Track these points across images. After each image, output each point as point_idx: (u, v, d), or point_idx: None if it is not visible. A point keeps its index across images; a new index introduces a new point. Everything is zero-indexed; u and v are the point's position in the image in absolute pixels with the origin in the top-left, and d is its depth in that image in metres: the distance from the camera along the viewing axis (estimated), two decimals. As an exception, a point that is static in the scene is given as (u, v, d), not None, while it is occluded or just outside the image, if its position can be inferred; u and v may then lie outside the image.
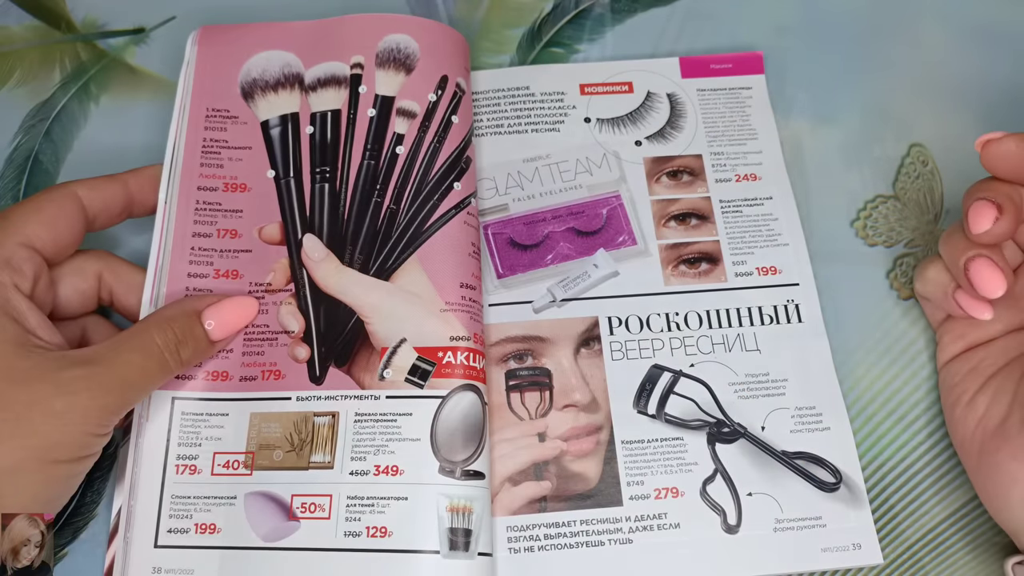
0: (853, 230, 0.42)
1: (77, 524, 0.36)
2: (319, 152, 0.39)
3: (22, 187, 0.42)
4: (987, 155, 0.33)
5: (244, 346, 0.36)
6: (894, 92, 0.45)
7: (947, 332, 0.38)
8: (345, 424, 0.35)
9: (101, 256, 0.36)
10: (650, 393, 0.38)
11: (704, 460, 0.37)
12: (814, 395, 0.38)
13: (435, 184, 0.39)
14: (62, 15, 0.46)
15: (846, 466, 0.37)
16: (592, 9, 0.48)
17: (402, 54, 0.40)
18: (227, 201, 0.38)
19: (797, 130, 0.44)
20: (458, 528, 0.33)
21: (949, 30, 0.47)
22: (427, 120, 0.40)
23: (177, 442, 0.35)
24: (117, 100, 0.44)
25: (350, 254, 0.37)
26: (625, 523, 0.36)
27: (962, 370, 0.37)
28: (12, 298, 0.31)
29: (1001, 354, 0.36)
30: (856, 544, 0.35)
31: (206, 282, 0.37)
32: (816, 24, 0.47)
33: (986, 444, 0.34)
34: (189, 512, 0.34)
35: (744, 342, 0.39)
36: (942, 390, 0.37)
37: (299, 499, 0.34)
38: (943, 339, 0.38)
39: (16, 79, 0.45)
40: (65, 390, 0.29)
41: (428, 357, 0.35)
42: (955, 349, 0.37)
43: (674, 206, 0.42)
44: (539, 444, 0.37)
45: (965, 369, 0.36)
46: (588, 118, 0.44)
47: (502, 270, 0.40)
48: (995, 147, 0.32)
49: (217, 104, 0.40)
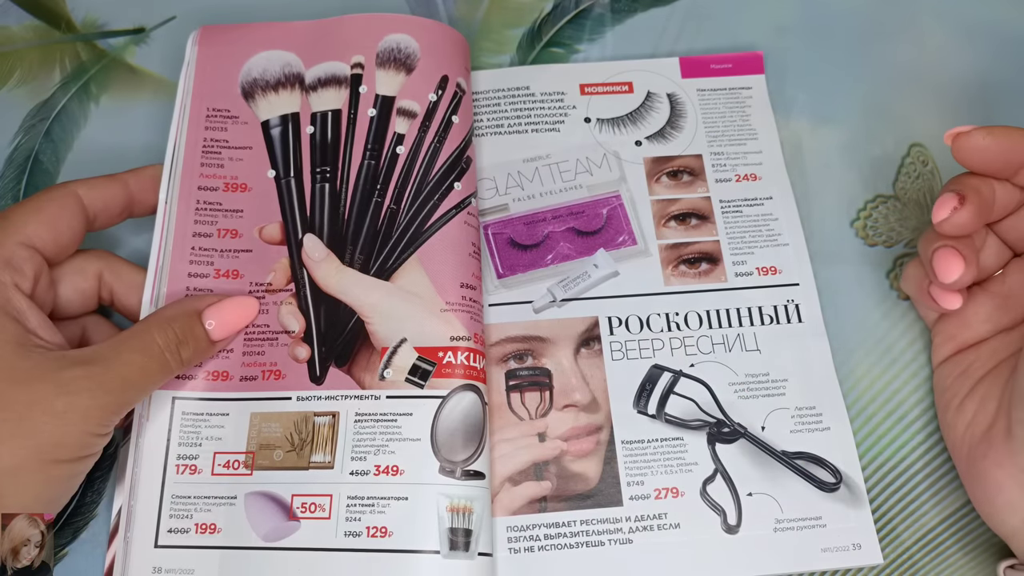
0: (853, 230, 0.42)
1: (77, 524, 0.36)
2: (319, 152, 0.39)
3: (22, 187, 0.42)
4: (957, 149, 0.33)
5: (244, 346, 0.36)
6: (894, 92, 0.45)
7: (939, 333, 0.38)
8: (345, 424, 0.35)
9: (102, 256, 0.36)
10: (650, 393, 0.38)
11: (704, 460, 0.37)
12: (814, 395, 0.38)
13: (435, 184, 0.39)
14: (62, 15, 0.46)
15: (846, 466, 0.37)
16: (592, 9, 0.48)
17: (402, 54, 0.40)
18: (227, 201, 0.38)
19: (797, 130, 0.44)
20: (458, 528, 0.33)
21: (949, 30, 0.47)
22: (427, 120, 0.40)
23: (177, 442, 0.35)
24: (117, 100, 0.44)
25: (350, 254, 0.37)
26: (625, 523, 0.36)
27: (953, 372, 0.36)
28: (13, 298, 0.31)
29: (990, 356, 0.36)
30: (856, 544, 0.35)
31: (206, 282, 0.37)
32: (816, 24, 0.47)
33: (973, 450, 0.34)
34: (189, 512, 0.34)
35: (744, 342, 0.39)
36: (935, 393, 0.38)
37: (299, 499, 0.34)
38: (935, 340, 0.38)
39: (16, 79, 0.45)
40: (66, 390, 0.29)
41: (428, 357, 0.35)
42: (946, 351, 0.37)
43: (674, 206, 0.42)
44: (539, 444, 0.37)
45: (956, 371, 0.36)
46: (588, 118, 0.44)
47: (502, 270, 0.40)
48: (964, 141, 0.33)
49: (217, 104, 0.40)
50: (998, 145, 0.32)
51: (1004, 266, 0.37)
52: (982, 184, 0.33)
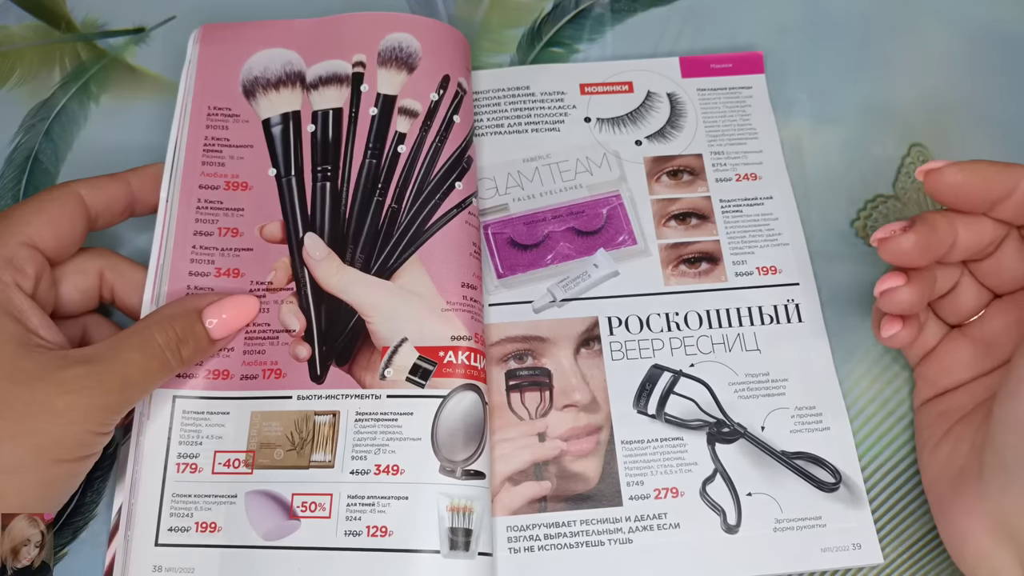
0: (853, 230, 0.42)
1: (77, 524, 0.36)
2: (321, 151, 0.39)
3: (22, 187, 0.42)
4: (930, 185, 0.33)
5: (245, 345, 0.36)
6: (894, 92, 0.45)
7: (920, 376, 0.37)
8: (346, 423, 0.35)
9: (103, 254, 0.36)
10: (650, 393, 0.38)
11: (704, 460, 0.37)
12: (814, 395, 0.38)
13: (436, 183, 0.39)
14: (62, 15, 0.46)
15: (846, 466, 0.37)
16: (592, 9, 0.48)
17: (404, 53, 0.40)
18: (228, 200, 0.38)
19: (797, 130, 0.44)
20: (458, 528, 0.33)
21: (949, 30, 0.47)
22: (429, 119, 0.40)
23: (178, 440, 0.35)
24: (117, 100, 0.44)
25: (351, 253, 0.37)
26: (625, 523, 0.36)
27: (932, 413, 0.36)
28: (14, 297, 0.31)
29: (968, 398, 0.35)
30: (856, 544, 0.35)
31: (207, 280, 0.37)
32: (816, 24, 0.47)
33: (944, 496, 0.33)
34: (190, 511, 0.34)
35: (744, 342, 0.39)
36: (916, 432, 0.37)
37: (299, 498, 0.34)
38: (917, 383, 0.37)
39: (16, 79, 0.45)
40: (66, 389, 0.29)
41: (429, 356, 0.35)
42: (927, 394, 0.37)
43: (674, 206, 0.42)
44: (539, 444, 0.37)
45: (935, 413, 0.36)
46: (588, 118, 0.44)
47: (502, 270, 0.40)
48: (936, 178, 0.32)
49: (218, 102, 0.40)
50: (970, 181, 0.32)
51: (984, 308, 0.36)
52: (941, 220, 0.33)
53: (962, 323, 0.36)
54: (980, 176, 0.32)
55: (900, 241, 0.32)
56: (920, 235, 0.32)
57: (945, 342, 0.36)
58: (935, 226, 0.32)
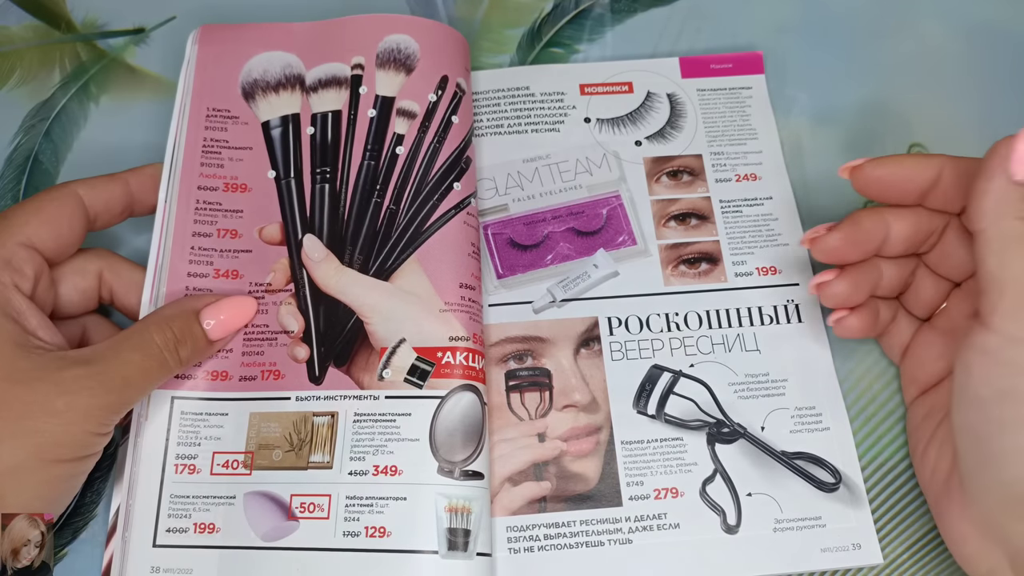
0: (853, 230, 0.42)
1: (76, 524, 0.36)
2: (319, 153, 0.39)
3: (22, 187, 0.42)
4: (855, 181, 0.34)
5: (244, 346, 0.36)
6: (894, 91, 0.45)
7: (903, 374, 0.37)
8: (344, 424, 0.35)
9: (102, 255, 0.36)
10: (650, 393, 0.38)
11: (704, 460, 0.37)
12: (814, 395, 0.38)
13: (435, 184, 0.39)
14: (62, 15, 0.47)
15: (846, 466, 0.37)
16: (592, 9, 0.47)
17: (402, 54, 0.40)
18: (227, 201, 0.38)
19: (797, 130, 0.44)
20: (457, 528, 0.33)
21: (949, 29, 0.47)
22: (427, 120, 0.40)
23: (176, 441, 0.35)
24: (117, 100, 0.45)
25: (350, 254, 0.37)
26: (625, 523, 0.36)
27: (919, 413, 0.36)
28: (13, 298, 0.31)
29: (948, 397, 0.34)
30: (856, 544, 0.35)
31: (206, 282, 0.37)
32: (816, 24, 0.47)
33: (939, 499, 0.33)
34: (188, 511, 0.34)
35: (744, 342, 0.39)
36: (907, 435, 0.37)
37: (298, 499, 0.34)
38: (902, 381, 0.38)
39: (16, 79, 0.45)
40: (66, 389, 0.30)
41: (427, 357, 0.35)
42: (912, 392, 0.37)
43: (674, 206, 0.42)
44: (539, 444, 0.37)
45: (922, 413, 0.36)
46: (588, 118, 0.44)
47: (502, 270, 0.40)
48: (859, 173, 0.34)
49: (218, 104, 0.40)
50: (891, 172, 0.33)
51: (945, 299, 0.36)
52: (868, 217, 0.34)
53: (930, 315, 0.37)
54: (900, 167, 0.33)
55: (827, 240, 0.34)
56: (845, 232, 0.34)
57: (917, 336, 0.37)
58: (859, 222, 0.34)
